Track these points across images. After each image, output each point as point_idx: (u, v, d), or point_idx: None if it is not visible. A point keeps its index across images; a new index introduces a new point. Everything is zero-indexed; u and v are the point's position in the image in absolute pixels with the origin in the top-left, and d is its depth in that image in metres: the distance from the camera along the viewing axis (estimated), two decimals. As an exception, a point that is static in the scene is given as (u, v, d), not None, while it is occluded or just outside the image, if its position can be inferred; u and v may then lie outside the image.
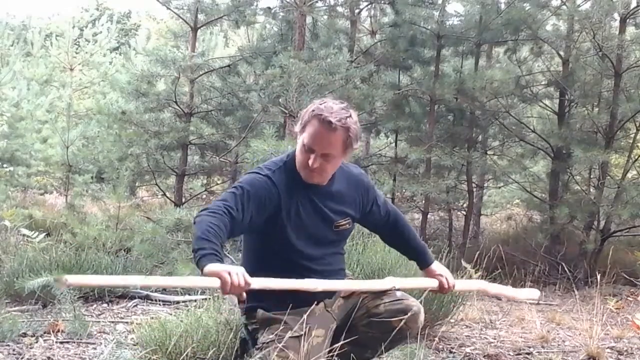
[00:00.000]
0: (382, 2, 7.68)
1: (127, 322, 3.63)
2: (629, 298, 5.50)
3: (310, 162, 2.21)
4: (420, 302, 2.46)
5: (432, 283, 2.53)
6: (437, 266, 2.59)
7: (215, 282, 1.91)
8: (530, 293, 2.61)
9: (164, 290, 4.58)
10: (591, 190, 6.81)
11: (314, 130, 2.19)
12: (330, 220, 2.35)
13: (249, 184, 2.22)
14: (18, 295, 3.77)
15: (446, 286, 2.52)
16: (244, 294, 2.20)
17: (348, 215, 2.41)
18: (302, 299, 2.26)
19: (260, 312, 2.32)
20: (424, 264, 2.60)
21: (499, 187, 8.98)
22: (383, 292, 2.40)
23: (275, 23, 7.89)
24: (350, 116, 2.23)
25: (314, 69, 5.45)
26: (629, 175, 6.69)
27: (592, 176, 7.24)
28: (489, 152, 8.03)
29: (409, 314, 2.34)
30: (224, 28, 9.83)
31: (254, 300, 2.34)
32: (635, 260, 5.85)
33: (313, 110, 2.21)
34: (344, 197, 2.40)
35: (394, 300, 2.38)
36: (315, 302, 2.34)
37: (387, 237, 2.71)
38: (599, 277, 4.03)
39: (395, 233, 2.64)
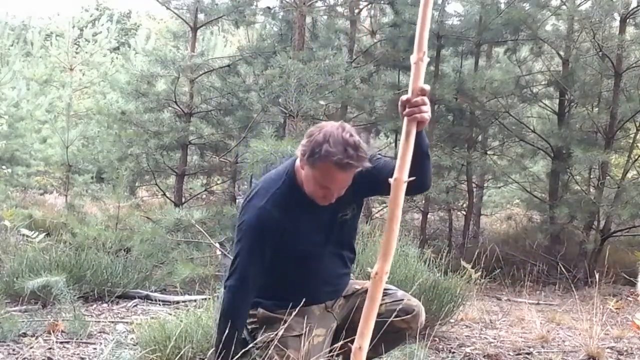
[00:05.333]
0: (382, 2, 7.68)
1: (127, 322, 3.63)
2: (629, 298, 5.50)
3: (329, 196, 2.16)
4: (420, 299, 2.46)
5: None
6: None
7: None
8: None
9: (163, 290, 4.59)
10: (591, 190, 6.81)
11: (331, 174, 2.09)
12: (334, 219, 2.29)
13: (252, 235, 2.19)
14: (18, 295, 3.76)
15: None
16: None
17: (348, 206, 2.32)
18: (304, 300, 2.26)
19: (260, 310, 2.32)
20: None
21: (499, 187, 8.97)
22: (384, 292, 2.37)
23: (274, 23, 7.89)
24: (359, 145, 2.09)
25: (313, 69, 5.45)
26: (629, 175, 6.69)
27: (592, 176, 7.24)
28: (489, 152, 8.03)
29: (410, 315, 2.34)
30: (224, 28, 9.83)
31: (256, 297, 2.33)
32: (635, 260, 5.85)
33: (326, 155, 2.05)
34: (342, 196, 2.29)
35: (395, 301, 2.37)
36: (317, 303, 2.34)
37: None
38: (598, 277, 4.03)
39: None
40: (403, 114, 1.87)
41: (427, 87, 1.85)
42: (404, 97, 1.86)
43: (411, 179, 1.81)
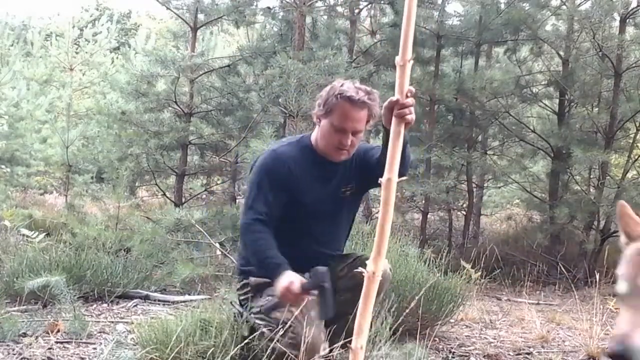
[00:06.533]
0: (382, 2, 7.68)
1: (127, 322, 3.63)
2: (628, 298, 5.49)
3: (345, 141, 2.38)
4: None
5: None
6: None
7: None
8: None
9: (163, 290, 4.58)
10: (591, 190, 6.81)
11: (345, 111, 2.35)
12: (337, 189, 2.51)
13: (266, 173, 2.42)
14: (18, 295, 3.76)
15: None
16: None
17: (350, 182, 2.54)
18: (295, 268, 2.33)
19: (252, 279, 2.43)
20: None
21: (499, 187, 8.97)
22: (344, 260, 2.56)
23: (274, 23, 7.88)
24: (371, 91, 2.41)
25: (313, 69, 5.45)
26: (629, 175, 6.69)
27: (592, 176, 7.24)
28: (489, 152, 8.03)
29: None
30: (224, 28, 9.83)
31: (246, 265, 2.48)
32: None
33: (340, 94, 2.34)
34: (346, 166, 2.54)
35: (353, 260, 2.51)
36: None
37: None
38: (598, 277, 4.02)
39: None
40: (393, 114, 1.93)
41: (413, 90, 1.93)
42: (393, 98, 1.93)
43: (403, 178, 1.89)
